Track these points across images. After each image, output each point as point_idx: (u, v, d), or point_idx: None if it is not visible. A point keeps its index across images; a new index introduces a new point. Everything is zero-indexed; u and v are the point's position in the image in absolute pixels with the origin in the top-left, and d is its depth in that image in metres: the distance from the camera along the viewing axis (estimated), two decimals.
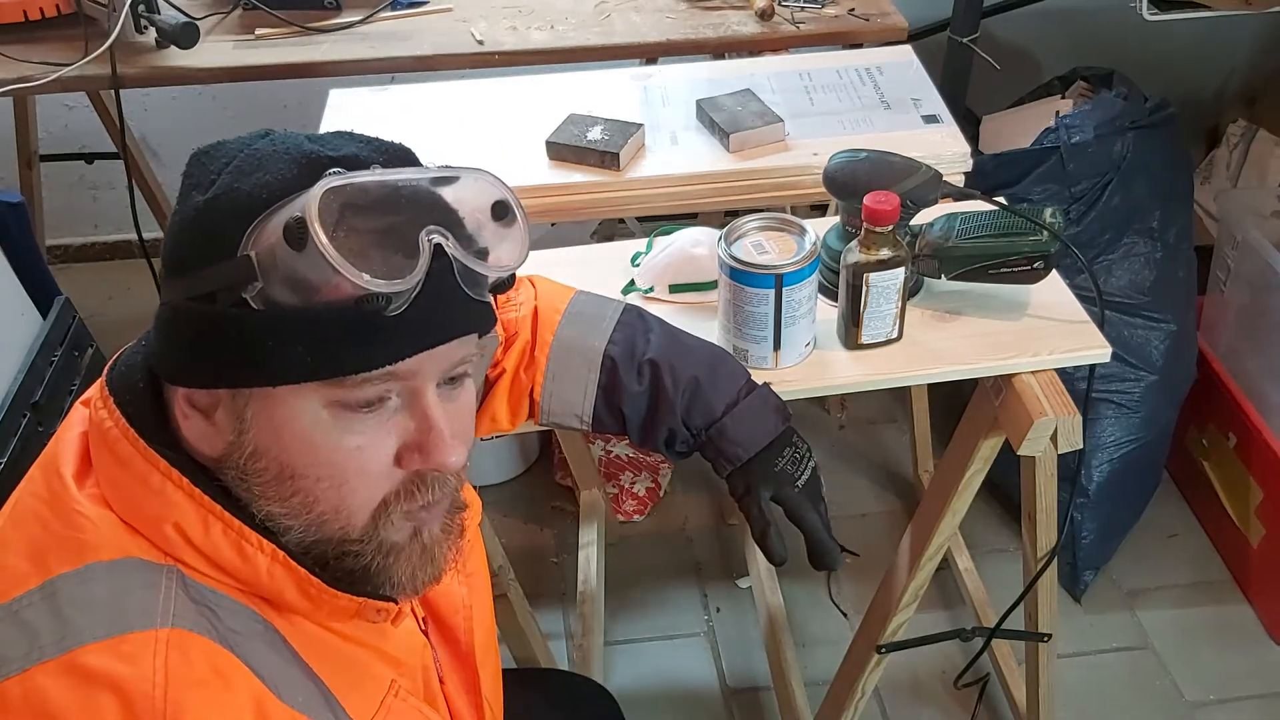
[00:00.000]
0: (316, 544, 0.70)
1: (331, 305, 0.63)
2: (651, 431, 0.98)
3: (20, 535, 0.68)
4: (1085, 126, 1.85)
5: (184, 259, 0.66)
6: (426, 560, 0.73)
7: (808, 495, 0.97)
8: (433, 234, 0.66)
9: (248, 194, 0.64)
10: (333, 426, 0.66)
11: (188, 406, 0.68)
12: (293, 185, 0.64)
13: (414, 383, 0.68)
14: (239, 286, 0.63)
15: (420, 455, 0.69)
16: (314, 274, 0.63)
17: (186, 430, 0.69)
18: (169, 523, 0.67)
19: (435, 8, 1.80)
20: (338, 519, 0.69)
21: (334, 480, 0.68)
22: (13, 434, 1.57)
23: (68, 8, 1.71)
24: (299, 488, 0.68)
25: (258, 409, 0.66)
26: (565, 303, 1.01)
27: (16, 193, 2.06)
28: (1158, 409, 1.89)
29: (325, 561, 0.70)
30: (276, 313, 0.64)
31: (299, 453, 0.67)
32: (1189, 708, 1.79)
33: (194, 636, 0.64)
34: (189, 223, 0.66)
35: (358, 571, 0.71)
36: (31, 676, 0.62)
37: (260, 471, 0.67)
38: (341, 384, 0.65)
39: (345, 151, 0.67)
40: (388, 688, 0.75)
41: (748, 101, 1.45)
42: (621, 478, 2.12)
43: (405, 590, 0.73)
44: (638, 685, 1.84)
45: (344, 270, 0.61)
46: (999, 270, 1.11)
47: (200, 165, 0.68)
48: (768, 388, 0.99)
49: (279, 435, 0.66)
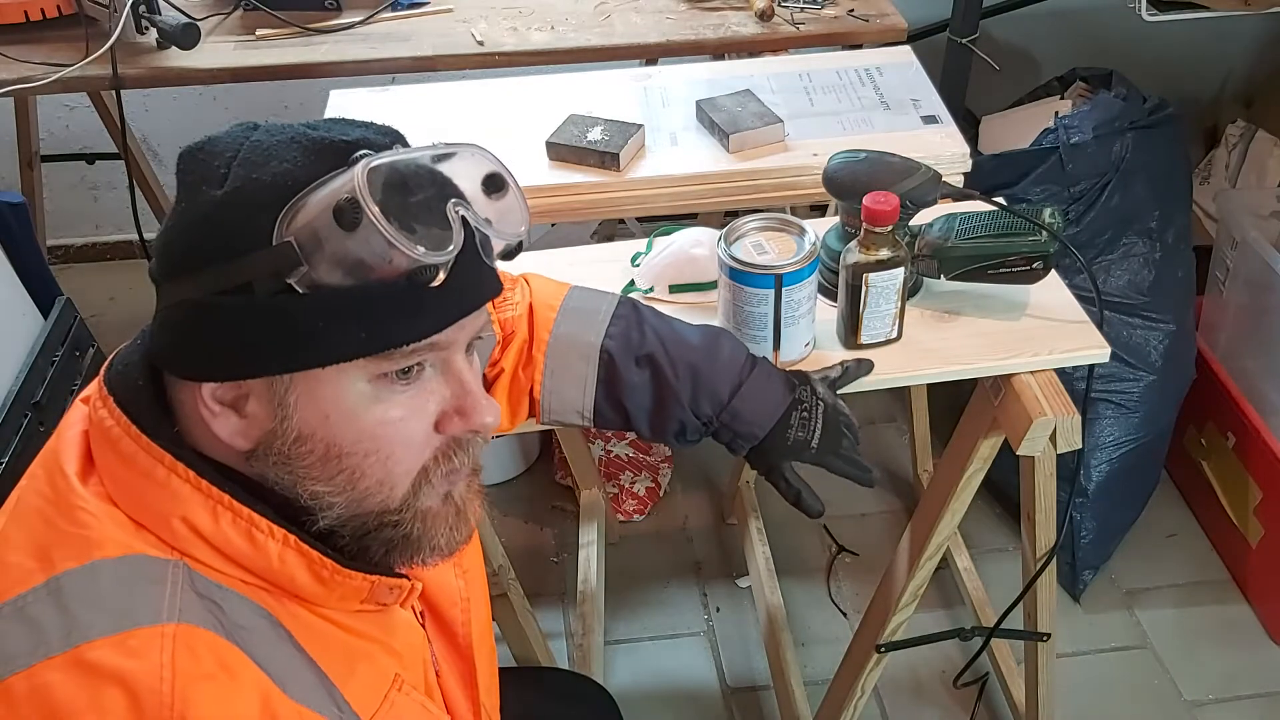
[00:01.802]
0: (356, 518, 0.71)
1: (384, 280, 0.65)
2: (660, 424, 0.99)
3: (24, 532, 0.68)
4: (1084, 127, 1.85)
5: (206, 254, 0.66)
6: (461, 521, 0.75)
7: (828, 448, 1.01)
8: (458, 206, 0.68)
9: (270, 183, 0.65)
10: (376, 400, 0.68)
11: (214, 404, 0.68)
12: (317, 170, 0.65)
13: (447, 351, 0.70)
14: (282, 273, 0.64)
15: (460, 418, 0.71)
16: (367, 252, 0.64)
17: (217, 428, 0.68)
18: (176, 516, 0.67)
19: (435, 8, 1.80)
20: (381, 491, 0.70)
21: (381, 453, 0.69)
22: (14, 434, 1.57)
23: (69, 8, 1.71)
24: (346, 465, 0.69)
25: (301, 392, 0.67)
26: (560, 299, 1.02)
27: (18, 193, 2.07)
28: (1157, 409, 1.89)
29: (365, 533, 0.71)
30: (325, 294, 0.64)
31: (346, 429, 0.68)
32: (1188, 707, 1.79)
33: (200, 631, 0.65)
34: (207, 218, 0.66)
35: (397, 541, 0.72)
36: (38, 672, 0.62)
37: (306, 454, 0.68)
38: (389, 357, 0.67)
39: (356, 135, 0.68)
40: (391, 681, 0.76)
41: (747, 102, 1.45)
42: (621, 477, 2.12)
43: (442, 553, 0.75)
44: (637, 685, 1.84)
45: (401, 245, 0.63)
46: (998, 270, 1.12)
47: (199, 162, 0.68)
48: (766, 361, 1.01)
49: (325, 415, 0.67)
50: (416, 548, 0.74)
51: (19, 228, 1.76)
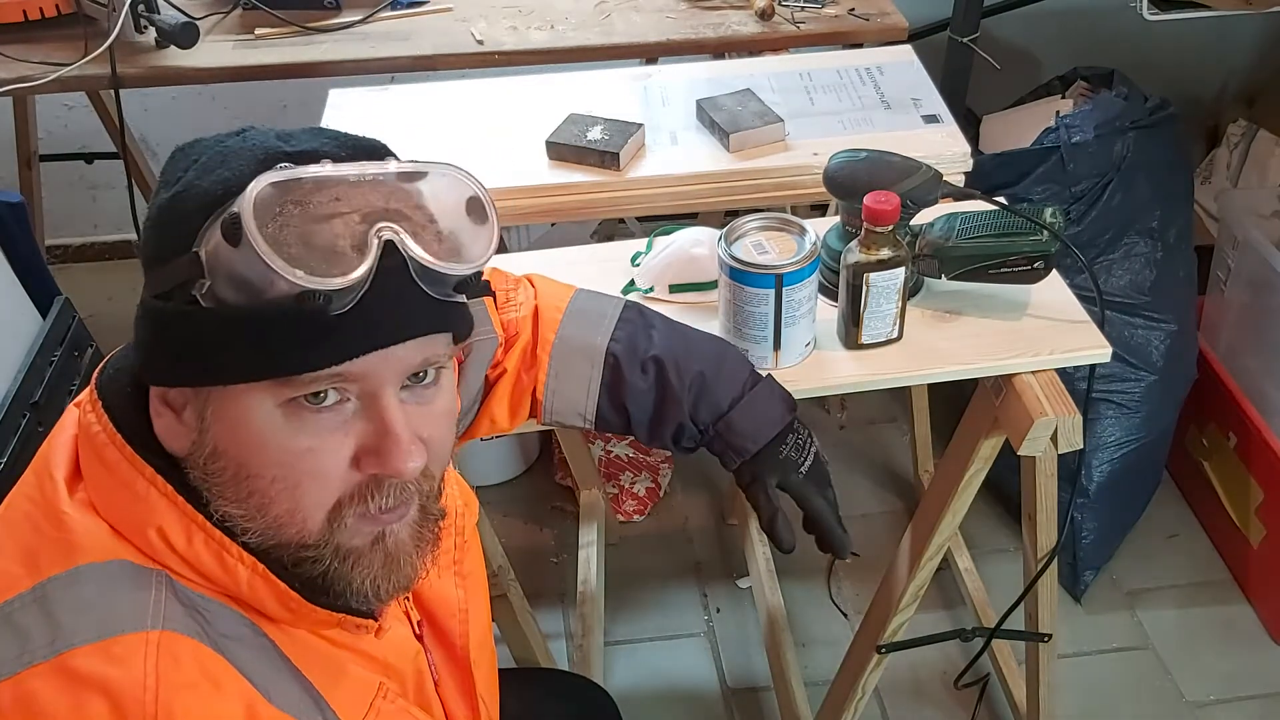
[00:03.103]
0: (275, 548, 0.68)
1: (273, 303, 0.62)
2: (659, 428, 0.98)
3: (12, 538, 0.68)
4: (1085, 126, 1.85)
5: (149, 256, 0.66)
6: (391, 568, 0.70)
7: (813, 481, 0.98)
8: (383, 230, 0.63)
9: (205, 190, 0.64)
10: (285, 426, 0.65)
11: (160, 404, 0.68)
12: (247, 181, 0.63)
13: (370, 384, 0.66)
14: (190, 284, 0.63)
15: (377, 459, 0.67)
16: (251, 271, 0.61)
17: (158, 427, 0.68)
18: (153, 528, 0.67)
19: (435, 8, 1.80)
20: (293, 522, 0.67)
21: (287, 481, 0.66)
22: (12, 434, 1.57)
23: (67, 8, 1.71)
24: (255, 488, 0.66)
25: (215, 407, 0.66)
26: (566, 301, 1.01)
27: (16, 193, 2.06)
28: (1158, 409, 1.89)
29: (293, 563, 0.69)
30: (223, 311, 0.63)
31: (253, 452, 0.65)
32: (1189, 708, 1.79)
33: (184, 639, 0.64)
34: (152, 220, 0.66)
35: (316, 578, 0.69)
36: (23, 680, 0.62)
37: (219, 471, 0.66)
38: (290, 383, 0.64)
39: (303, 146, 0.66)
40: (376, 690, 0.75)
41: (748, 101, 1.45)
42: (621, 478, 2.12)
43: (368, 599, 0.71)
44: (637, 685, 1.84)
45: (275, 266, 0.60)
46: (999, 270, 1.11)
47: (174, 162, 0.68)
48: (771, 378, 1.00)
49: (235, 434, 0.65)
50: (338, 588, 0.69)
51: (17, 227, 1.75)
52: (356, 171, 0.65)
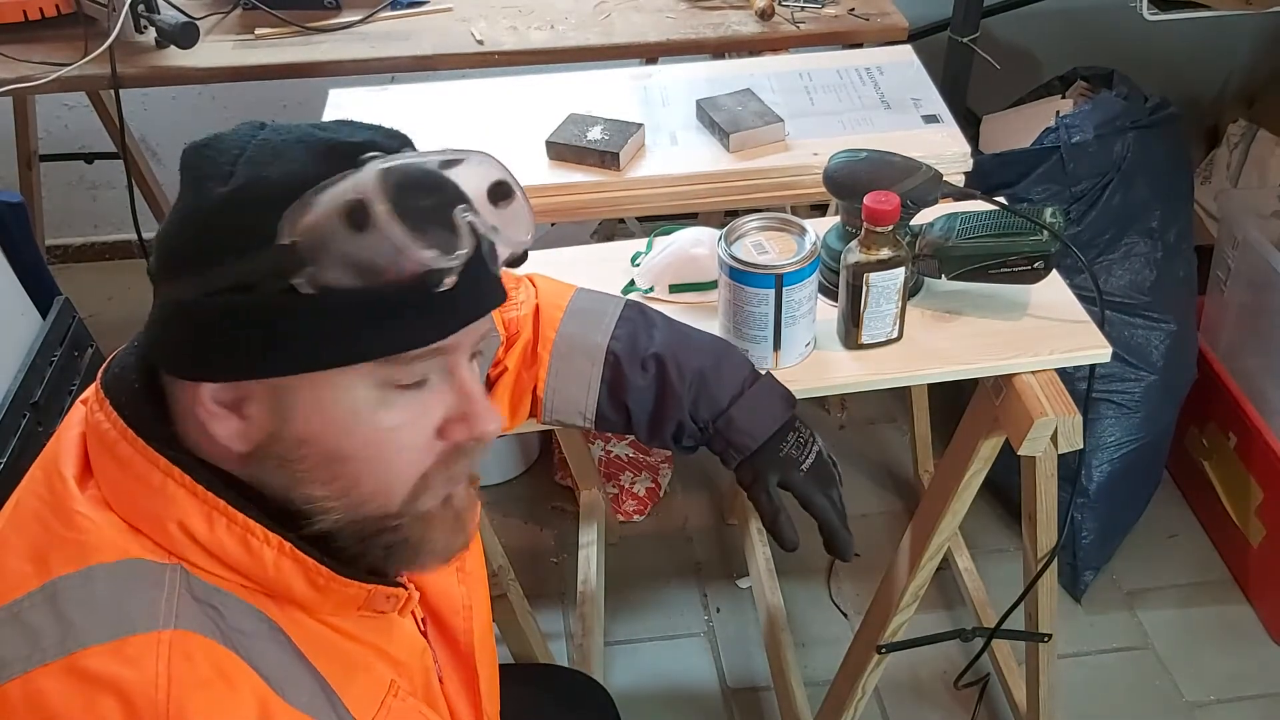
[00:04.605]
0: (355, 523, 0.70)
1: (393, 283, 0.64)
2: (659, 427, 0.98)
3: (21, 536, 0.68)
4: (1085, 126, 1.84)
5: (210, 252, 0.64)
6: (459, 527, 0.75)
7: (815, 479, 0.98)
8: (465, 213, 0.66)
9: (276, 182, 0.64)
10: (379, 405, 0.67)
11: (213, 405, 0.67)
12: (323, 171, 0.64)
13: (453, 357, 0.70)
14: (287, 273, 0.63)
15: (463, 425, 0.71)
16: (376, 254, 0.63)
17: (216, 430, 0.67)
18: (172, 521, 0.66)
19: (435, 8, 1.80)
20: (378, 496, 0.70)
21: (382, 458, 0.69)
22: (13, 434, 1.57)
23: (67, 8, 1.71)
24: (346, 469, 0.68)
25: (305, 395, 0.66)
26: (566, 300, 1.02)
27: (16, 193, 2.06)
28: (1158, 409, 1.89)
29: (365, 537, 0.71)
30: (331, 296, 0.63)
31: (348, 434, 0.67)
32: (1189, 708, 1.79)
33: (197, 638, 0.64)
34: (212, 215, 0.65)
35: (395, 545, 0.72)
36: (33, 679, 0.61)
37: (304, 457, 0.67)
38: (393, 361, 0.66)
39: (362, 137, 0.67)
40: (388, 688, 0.75)
41: (748, 101, 1.45)
42: (621, 478, 2.12)
43: (440, 558, 0.75)
44: (637, 685, 1.84)
45: (410, 248, 0.62)
46: (999, 270, 1.11)
47: (205, 158, 0.67)
48: (771, 376, 1.00)
49: (324, 418, 0.67)
50: (415, 552, 0.73)
51: (17, 227, 1.75)
52: (431, 159, 0.67)
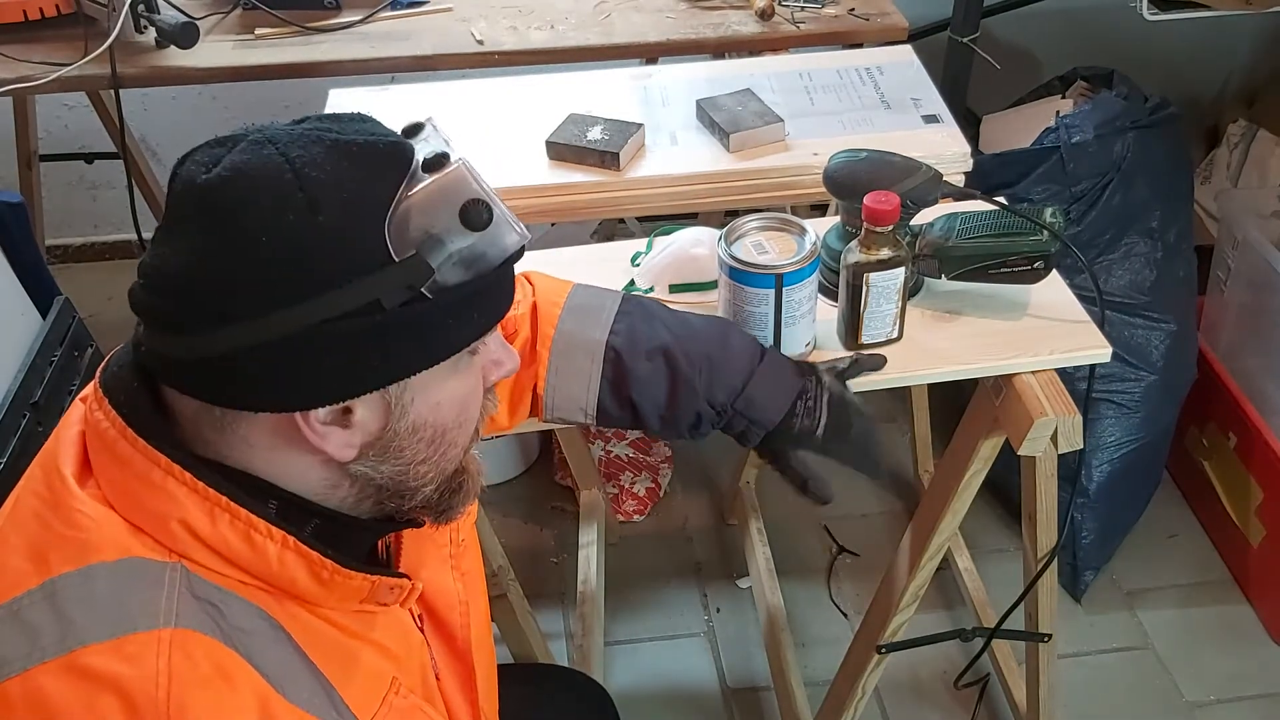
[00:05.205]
0: (444, 480, 0.77)
1: (493, 267, 0.70)
2: (673, 418, 0.98)
3: (21, 535, 0.68)
4: (1085, 126, 1.84)
5: (313, 281, 0.63)
6: (478, 476, 0.81)
7: (835, 437, 1.01)
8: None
9: (361, 201, 0.64)
10: (467, 374, 0.74)
11: (320, 426, 0.67)
12: (386, 177, 0.66)
13: None
14: (415, 283, 0.66)
15: (498, 368, 0.78)
16: (491, 246, 0.69)
17: (329, 447, 0.68)
18: (174, 519, 0.67)
19: (435, 8, 1.80)
20: (460, 451, 0.76)
21: (470, 418, 0.76)
22: (13, 434, 1.57)
23: (67, 8, 1.71)
24: (448, 439, 0.74)
25: (417, 388, 0.70)
26: (564, 296, 1.01)
27: (16, 193, 2.06)
28: (1158, 409, 1.89)
29: (450, 491, 0.78)
30: (450, 293, 0.67)
31: (450, 409, 0.73)
32: (1189, 708, 1.79)
33: (198, 636, 0.64)
34: (307, 245, 0.63)
35: (465, 483, 0.78)
36: (32, 677, 0.62)
37: (417, 442, 0.72)
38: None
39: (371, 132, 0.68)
40: (389, 684, 0.76)
41: (748, 101, 1.45)
42: (621, 478, 2.12)
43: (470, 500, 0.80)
44: (637, 685, 1.84)
45: (512, 233, 0.69)
46: (999, 270, 1.11)
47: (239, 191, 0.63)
48: (775, 348, 1.00)
49: (436, 402, 0.72)
50: (474, 484, 0.80)
51: (17, 227, 1.75)
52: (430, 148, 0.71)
